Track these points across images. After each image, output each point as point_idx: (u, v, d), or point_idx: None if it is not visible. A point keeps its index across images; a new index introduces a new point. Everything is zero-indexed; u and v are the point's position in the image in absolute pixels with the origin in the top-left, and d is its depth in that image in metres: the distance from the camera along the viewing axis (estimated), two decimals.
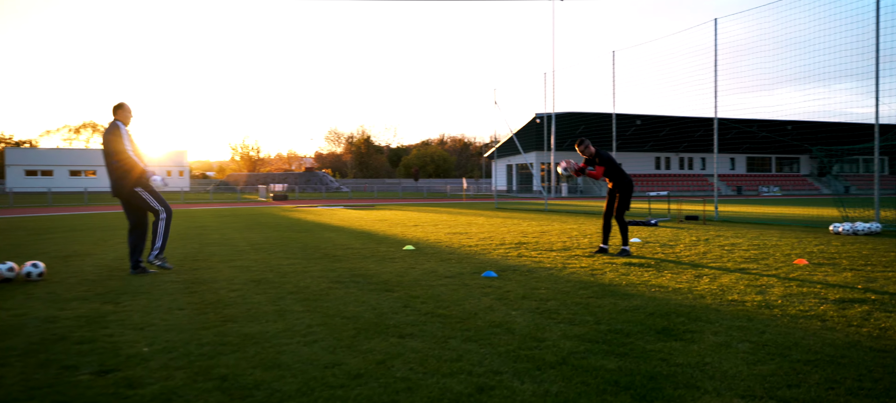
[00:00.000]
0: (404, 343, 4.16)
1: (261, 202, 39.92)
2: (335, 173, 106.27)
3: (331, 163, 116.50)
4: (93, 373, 3.54)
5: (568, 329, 4.57)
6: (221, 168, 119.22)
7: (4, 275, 6.86)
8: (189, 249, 10.18)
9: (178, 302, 5.61)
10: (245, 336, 4.34)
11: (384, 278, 7.00)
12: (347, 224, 16.76)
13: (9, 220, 19.37)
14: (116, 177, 7.32)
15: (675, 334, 4.42)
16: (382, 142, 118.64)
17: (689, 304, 5.45)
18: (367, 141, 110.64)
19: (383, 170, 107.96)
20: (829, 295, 5.78)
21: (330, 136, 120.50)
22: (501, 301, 5.66)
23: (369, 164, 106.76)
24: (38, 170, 75.48)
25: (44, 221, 18.68)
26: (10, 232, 14.06)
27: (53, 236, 12.93)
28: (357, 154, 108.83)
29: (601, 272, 7.43)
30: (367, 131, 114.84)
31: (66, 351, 3.98)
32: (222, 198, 49.67)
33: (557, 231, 13.70)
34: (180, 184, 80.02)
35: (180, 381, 3.40)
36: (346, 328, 4.60)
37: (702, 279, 6.85)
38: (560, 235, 12.53)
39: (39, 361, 3.77)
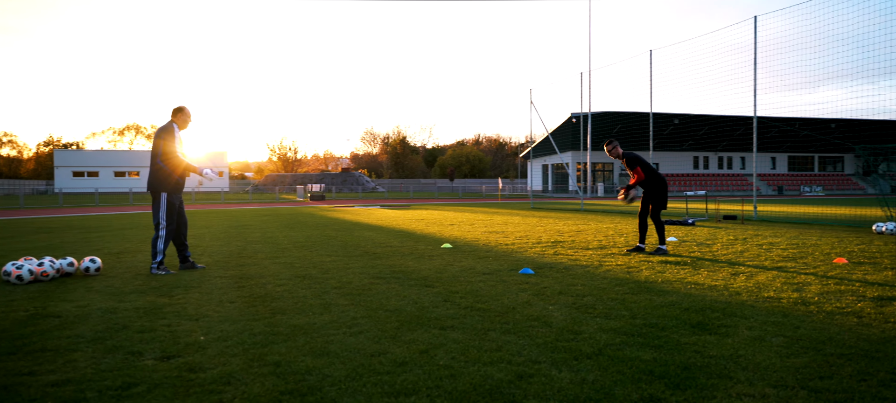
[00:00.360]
0: (446, 335, 4.34)
1: (299, 202, 40.55)
2: (371, 173, 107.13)
3: (366, 163, 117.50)
4: (156, 359, 3.80)
5: (604, 322, 4.70)
6: (260, 169, 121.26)
7: (65, 270, 7.23)
8: (234, 247, 10.53)
9: (229, 296, 5.88)
10: (294, 327, 4.57)
11: (423, 274, 7.20)
12: (385, 223, 17.03)
13: (60, 220, 20.11)
14: (153, 174, 7.60)
15: (710, 328, 4.51)
16: (418, 142, 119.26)
17: (725, 300, 5.52)
18: (402, 141, 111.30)
19: (419, 170, 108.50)
20: (867, 293, 5.79)
21: (366, 137, 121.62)
22: (539, 296, 5.80)
23: (405, 165, 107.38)
24: (85, 172, 77.78)
25: (93, 220, 19.36)
26: (62, 231, 14.64)
27: (103, 234, 13.44)
28: (393, 154, 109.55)
29: (637, 270, 7.51)
30: (402, 131, 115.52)
31: (130, 339, 4.25)
32: (261, 198, 50.58)
33: (593, 230, 13.75)
34: (220, 184, 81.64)
35: (237, 367, 3.63)
36: (389, 320, 4.79)
37: (738, 277, 6.89)
38: (596, 234, 12.59)
39: (107, 347, 4.04)
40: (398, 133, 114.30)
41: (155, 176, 7.58)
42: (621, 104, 27.56)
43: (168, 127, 7.61)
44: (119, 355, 3.87)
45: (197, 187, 76.43)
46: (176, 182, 7.65)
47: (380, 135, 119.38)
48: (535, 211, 23.66)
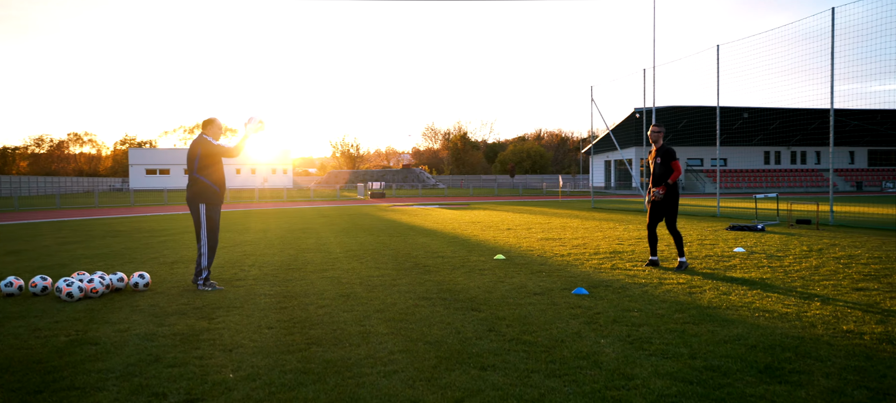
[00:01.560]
0: (485, 377, 4.04)
1: (359, 200, 40.88)
2: (431, 170, 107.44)
3: (428, 159, 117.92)
4: (179, 402, 3.64)
5: (660, 364, 4.31)
6: (323, 165, 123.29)
7: (115, 285, 7.27)
8: (286, 256, 10.48)
9: (268, 320, 5.73)
10: (327, 364, 4.36)
11: (472, 294, 6.91)
12: (441, 227, 16.81)
13: (129, 221, 20.72)
14: (191, 186, 7.55)
15: (780, 374, 4.07)
16: (479, 137, 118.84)
17: (797, 335, 5.03)
18: (463, 137, 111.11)
19: (480, 166, 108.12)
20: None
21: (427, 133, 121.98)
22: (591, 324, 5.43)
23: (465, 160, 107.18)
24: (157, 170, 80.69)
25: (159, 222, 19.85)
26: (128, 236, 15.01)
27: (165, 239, 13.68)
28: (453, 150, 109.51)
29: (700, 290, 7.02)
30: (463, 127, 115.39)
31: (158, 376, 4.12)
32: (322, 196, 51.25)
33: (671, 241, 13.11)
34: (284, 181, 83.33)
35: None
36: (427, 356, 4.53)
37: (813, 302, 6.33)
38: (658, 243, 12.00)
39: (133, 386, 3.92)
40: (459, 128, 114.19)
41: (192, 188, 7.53)
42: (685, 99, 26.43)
43: (202, 139, 7.54)
44: (143, 396, 3.73)
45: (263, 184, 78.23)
46: (214, 193, 7.57)
47: (441, 131, 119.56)
48: (595, 213, 23.02)
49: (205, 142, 7.51)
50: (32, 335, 5.24)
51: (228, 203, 37.16)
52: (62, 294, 6.69)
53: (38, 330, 5.38)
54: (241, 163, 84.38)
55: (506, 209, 26.69)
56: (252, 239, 13.73)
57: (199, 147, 7.51)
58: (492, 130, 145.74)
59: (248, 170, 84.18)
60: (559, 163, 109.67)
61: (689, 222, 17.47)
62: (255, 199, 42.79)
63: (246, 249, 11.61)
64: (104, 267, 9.16)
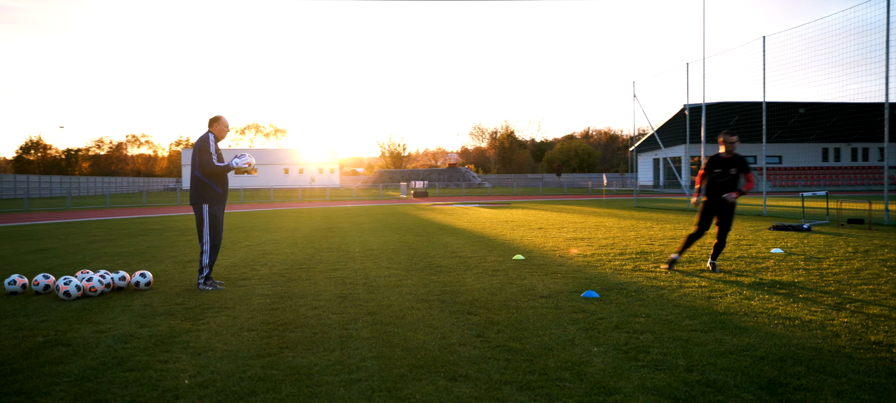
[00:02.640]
0: (451, 389, 3.72)
1: (401, 199, 40.84)
2: (478, 169, 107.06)
3: (475, 158, 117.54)
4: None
5: (650, 376, 3.91)
6: (370, 165, 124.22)
7: (117, 284, 7.20)
8: (302, 255, 10.32)
9: (253, 322, 5.52)
10: (291, 370, 4.10)
11: (474, 297, 6.57)
12: (471, 227, 16.48)
13: (166, 220, 21.04)
14: (193, 186, 7.43)
15: (784, 391, 3.63)
16: (526, 136, 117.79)
17: (815, 346, 4.54)
18: (509, 136, 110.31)
19: (526, 164, 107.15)
20: None
21: (474, 132, 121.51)
22: (589, 331, 5.05)
23: (512, 159, 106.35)
24: None
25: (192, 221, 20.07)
26: (158, 234, 15.16)
27: (191, 237, 13.73)
28: (500, 149, 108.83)
29: (720, 294, 6.53)
30: (510, 126, 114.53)
31: (112, 381, 3.93)
32: (365, 195, 51.44)
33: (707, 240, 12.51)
34: (331, 180, 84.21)
35: None
36: (400, 363, 4.23)
37: (843, 309, 5.78)
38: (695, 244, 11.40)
39: (81, 392, 3.74)
40: (506, 127, 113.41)
41: (195, 188, 7.40)
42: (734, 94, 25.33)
43: (204, 138, 7.41)
44: None
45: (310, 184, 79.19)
46: (217, 194, 7.43)
47: (488, 130, 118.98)
48: (635, 212, 22.32)
49: (205, 143, 7.38)
50: (12, 334, 5.15)
51: (271, 201, 37.59)
52: (60, 292, 6.63)
53: (20, 330, 5.28)
54: (290, 164, 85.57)
55: (545, 208, 26.17)
56: (277, 237, 13.67)
57: (199, 146, 7.38)
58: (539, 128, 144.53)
59: (296, 170, 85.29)
60: (608, 162, 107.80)
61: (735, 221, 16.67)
62: (299, 198, 43.20)
63: (266, 248, 11.52)
64: (122, 265, 9.16)
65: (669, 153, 63.28)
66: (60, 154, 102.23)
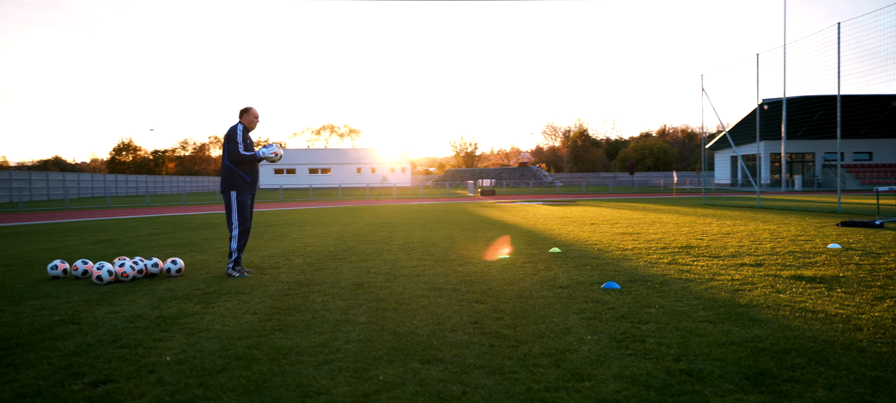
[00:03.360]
0: (420, 371, 3.65)
1: (467, 197, 40.83)
2: (549, 168, 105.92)
3: (547, 157, 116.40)
4: (89, 384, 3.54)
5: (631, 364, 3.72)
6: (441, 164, 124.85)
7: (149, 270, 7.47)
8: (339, 247, 10.44)
9: (261, 306, 5.60)
10: (271, 351, 4.13)
11: (490, 286, 6.46)
12: (522, 222, 16.28)
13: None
14: (223, 175, 7.61)
15: (771, 383, 3.38)
16: (600, 134, 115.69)
17: (829, 339, 4.21)
18: (582, 134, 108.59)
19: (599, 163, 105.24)
20: None
21: (547, 131, 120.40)
22: (591, 321, 4.86)
23: (585, 158, 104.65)
24: (284, 169, 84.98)
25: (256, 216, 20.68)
26: (216, 228, 15.70)
27: None
28: (572, 147, 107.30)
29: (750, 287, 6.17)
30: (583, 124, 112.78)
31: (98, 356, 4.06)
32: (432, 193, 51.70)
33: (746, 232, 11.95)
34: (402, 179, 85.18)
35: (146, 400, 3.25)
36: (381, 347, 4.18)
37: (879, 304, 5.35)
38: (745, 238, 10.89)
39: (63, 365, 3.88)
40: (579, 126, 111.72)
41: (224, 177, 7.59)
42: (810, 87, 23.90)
43: (234, 128, 7.58)
44: (60, 376, 3.66)
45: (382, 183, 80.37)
46: (245, 182, 7.59)
47: (561, 129, 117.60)
48: (702, 209, 21.50)
49: (234, 133, 7.55)
50: (33, 313, 5.41)
51: (339, 199, 38.33)
52: (93, 277, 6.94)
53: (42, 310, 5.54)
54: (363, 163, 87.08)
55: (607, 205, 25.58)
56: (327, 231, 13.89)
57: (228, 136, 7.56)
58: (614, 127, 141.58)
59: (368, 170, 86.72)
60: (685, 160, 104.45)
61: (799, 218, 15.83)
62: (366, 196, 43.87)
63: (309, 240, 11.73)
64: (171, 255, 9.50)
65: (747, 150, 60.67)
66: (149, 155, 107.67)
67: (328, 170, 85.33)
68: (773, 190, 50.48)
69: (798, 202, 24.85)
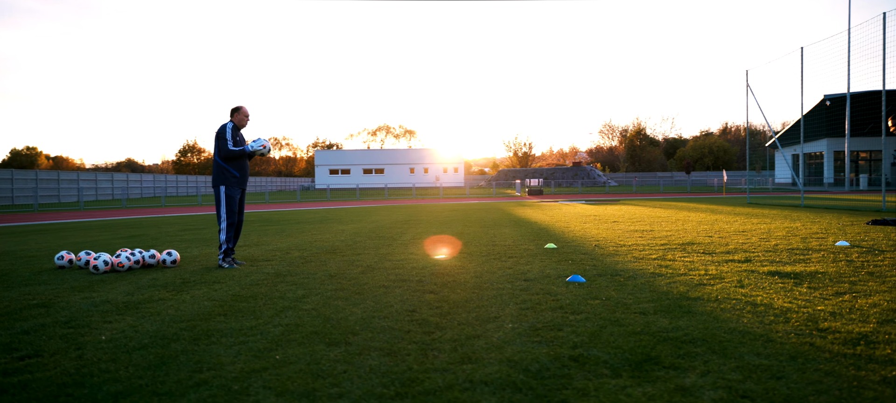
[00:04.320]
0: (318, 353, 3.82)
1: (512, 197, 40.77)
2: (605, 167, 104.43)
3: (604, 157, 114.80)
4: (16, 357, 3.85)
5: (527, 350, 3.80)
6: (495, 164, 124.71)
7: (147, 261, 7.88)
8: (344, 242, 10.71)
9: (224, 295, 5.88)
10: (198, 333, 4.37)
11: (454, 278, 6.59)
12: (546, 220, 16.25)
13: (263, 214, 22.41)
14: (213, 171, 7.96)
15: (649, 369, 3.41)
16: (658, 133, 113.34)
17: (747, 329, 4.17)
18: (638, 133, 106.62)
19: (657, 162, 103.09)
20: None
21: (604, 130, 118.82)
22: (525, 310, 4.94)
23: (641, 157, 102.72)
24: (339, 170, 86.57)
25: (285, 215, 21.27)
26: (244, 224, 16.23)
27: (266, 227, 14.59)
28: (629, 147, 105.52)
29: (717, 281, 6.09)
30: (641, 123, 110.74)
31: (44, 335, 4.39)
32: (478, 193, 51.78)
33: (761, 231, 11.64)
34: (455, 179, 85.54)
35: (55, 372, 3.53)
36: (303, 331, 4.37)
37: (834, 298, 5.22)
38: (755, 236, 10.61)
39: (9, 341, 4.22)
40: (637, 124, 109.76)
41: (214, 172, 7.94)
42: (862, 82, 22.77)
43: (224, 126, 7.90)
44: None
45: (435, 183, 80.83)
46: (234, 177, 7.91)
47: (618, 128, 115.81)
48: (740, 208, 20.92)
49: (223, 131, 7.89)
50: (18, 298, 5.83)
51: (384, 198, 38.87)
52: (89, 267, 7.39)
53: (28, 295, 5.98)
54: (416, 163, 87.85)
55: (648, 205, 25.17)
56: (348, 228, 14.22)
57: (218, 134, 7.90)
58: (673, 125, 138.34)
59: (422, 170, 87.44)
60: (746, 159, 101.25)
61: (832, 217, 15.26)
62: (412, 196, 44.32)
63: (324, 236, 12.06)
64: (186, 248, 9.95)
65: (811, 148, 58.42)
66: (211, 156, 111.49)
67: (382, 170, 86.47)
68: (835, 189, 48.48)
69: (845, 201, 23.88)
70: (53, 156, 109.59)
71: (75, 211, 29.49)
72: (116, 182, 51.96)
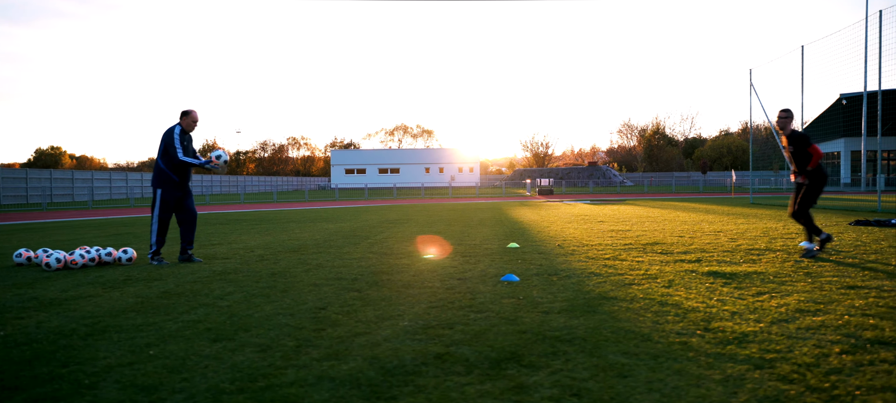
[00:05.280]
0: (192, 349, 3.89)
1: (521, 197, 40.68)
2: (622, 167, 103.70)
3: (622, 156, 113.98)
4: None
5: (400, 346, 3.84)
6: (511, 163, 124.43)
7: (103, 259, 8.03)
8: (316, 242, 10.81)
9: (150, 292, 5.99)
10: (99, 328, 4.47)
11: (388, 277, 6.64)
12: (534, 220, 16.24)
13: (264, 213, 22.62)
14: (154, 172, 8.08)
15: (506, 365, 3.44)
16: (678, 133, 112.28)
17: (631, 329, 4.17)
18: (656, 132, 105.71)
19: (674, 162, 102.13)
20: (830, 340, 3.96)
21: (623, 130, 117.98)
22: (431, 309, 4.97)
23: (659, 157, 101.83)
24: (354, 169, 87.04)
25: (288, 214, 21.45)
26: (236, 224, 16.42)
27: (254, 225, 14.76)
28: (647, 146, 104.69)
29: (648, 281, 6.07)
30: (660, 122, 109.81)
31: None
32: (488, 193, 51.73)
33: (732, 231, 11.52)
34: (471, 179, 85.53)
35: None
36: (200, 326, 4.46)
37: (752, 298, 5.19)
38: (723, 236, 10.51)
39: None
40: (655, 124, 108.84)
41: (155, 174, 8.07)
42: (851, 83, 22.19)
43: (171, 131, 8.01)
44: None
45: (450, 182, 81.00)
46: (173, 182, 8.01)
47: (637, 128, 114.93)
48: (740, 208, 20.69)
49: (171, 136, 8.00)
50: None
51: (393, 198, 39.02)
52: (42, 264, 7.55)
53: None
54: (432, 163, 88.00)
55: (649, 205, 25.00)
56: (332, 227, 14.34)
57: (166, 139, 8.01)
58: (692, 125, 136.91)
59: (437, 169, 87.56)
60: (768, 158, 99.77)
61: (826, 216, 15.03)
62: (421, 196, 44.43)
63: (302, 235, 12.19)
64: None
65: (828, 147, 57.47)
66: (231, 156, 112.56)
67: (397, 170, 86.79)
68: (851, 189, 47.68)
69: (847, 201, 23.52)
70: (77, 156, 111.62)
71: (83, 209, 30.03)
72: (131, 181, 52.79)
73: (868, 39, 19.19)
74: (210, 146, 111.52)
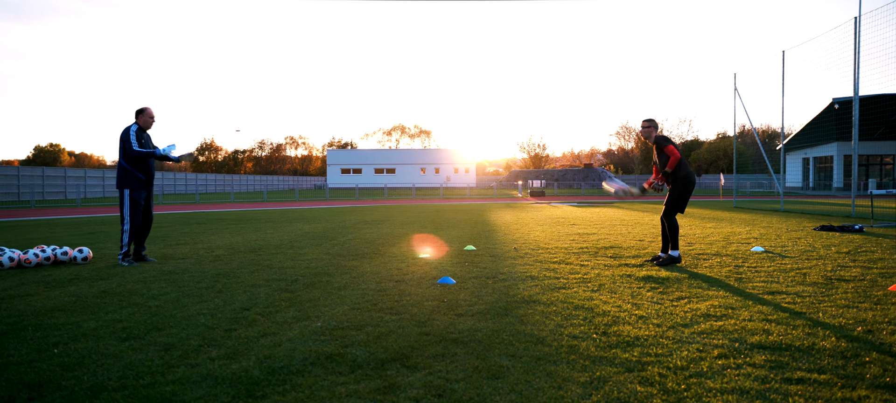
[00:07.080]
0: (98, 348, 4.03)
1: (511, 198, 40.77)
2: (618, 169, 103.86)
3: (618, 159, 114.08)
4: None
5: (294, 348, 3.98)
6: (508, 165, 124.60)
7: (58, 258, 8.16)
8: (280, 242, 10.93)
9: (96, 290, 6.12)
10: (14, 328, 4.61)
11: (330, 278, 6.77)
12: (507, 222, 16.35)
13: (248, 213, 22.74)
14: (118, 173, 8.20)
15: (387, 368, 3.57)
16: (676, 136, 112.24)
17: (533, 333, 4.30)
18: None
19: None
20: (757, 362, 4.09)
21: (620, 132, 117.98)
22: (353, 311, 5.10)
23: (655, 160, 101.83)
24: (350, 169, 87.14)
25: (270, 213, 21.60)
26: (216, 223, 16.54)
27: (225, 225, 14.89)
28: (643, 148, 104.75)
29: (578, 284, 6.20)
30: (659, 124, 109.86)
31: None
32: (478, 194, 51.82)
33: (698, 236, 11.64)
34: (467, 180, 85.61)
35: None
36: (113, 326, 4.60)
37: (671, 303, 5.32)
38: (686, 242, 10.63)
39: None
40: None
41: (119, 175, 8.18)
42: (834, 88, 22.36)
43: (127, 129, 8.13)
44: None
45: (446, 183, 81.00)
46: (139, 180, 8.14)
47: (634, 130, 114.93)
48: (720, 212, 20.82)
49: (127, 133, 8.12)
50: None
51: (384, 199, 39.13)
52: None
53: None
54: (427, 163, 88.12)
55: (630, 207, 25.13)
56: (305, 228, 14.46)
57: (123, 136, 8.13)
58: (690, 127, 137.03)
59: (433, 170, 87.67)
60: (762, 162, 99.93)
61: (787, 221, 15.15)
62: (412, 196, 44.54)
63: (270, 236, 12.31)
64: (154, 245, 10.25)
65: (821, 151, 57.63)
66: (229, 155, 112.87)
67: (393, 170, 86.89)
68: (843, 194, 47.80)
69: (827, 206, 23.64)
70: (76, 154, 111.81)
71: (71, 208, 30.15)
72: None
73: (859, 44, 19.34)
74: (208, 145, 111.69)
